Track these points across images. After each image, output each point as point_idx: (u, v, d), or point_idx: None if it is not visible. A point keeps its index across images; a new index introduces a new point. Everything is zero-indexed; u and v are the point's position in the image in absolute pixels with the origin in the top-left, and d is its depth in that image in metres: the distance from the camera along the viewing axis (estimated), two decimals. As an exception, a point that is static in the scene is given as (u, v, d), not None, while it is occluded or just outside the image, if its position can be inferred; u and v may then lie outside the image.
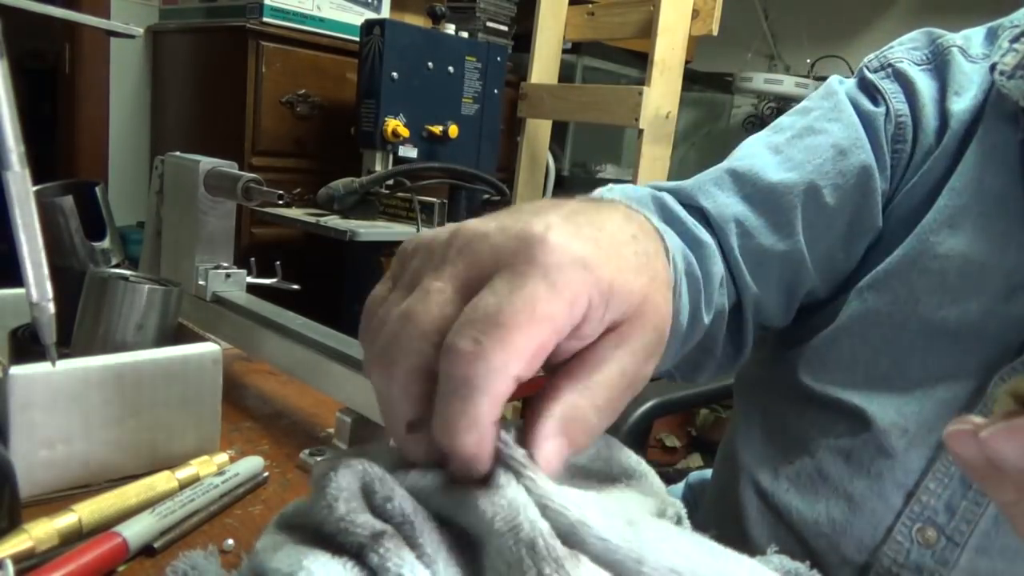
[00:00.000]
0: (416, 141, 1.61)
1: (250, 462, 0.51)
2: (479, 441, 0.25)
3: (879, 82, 0.59)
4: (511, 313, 0.24)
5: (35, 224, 0.39)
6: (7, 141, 0.38)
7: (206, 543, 0.41)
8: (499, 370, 0.24)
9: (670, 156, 1.92)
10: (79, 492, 0.47)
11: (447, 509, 0.26)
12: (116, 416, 0.49)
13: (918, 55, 0.59)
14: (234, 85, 1.72)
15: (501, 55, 1.78)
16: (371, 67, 1.55)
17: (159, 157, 0.75)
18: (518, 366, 0.24)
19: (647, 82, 1.81)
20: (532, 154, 2.17)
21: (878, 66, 0.60)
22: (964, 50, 0.58)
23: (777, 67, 3.16)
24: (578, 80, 2.45)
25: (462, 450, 0.25)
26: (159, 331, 0.57)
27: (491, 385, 0.24)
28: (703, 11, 1.84)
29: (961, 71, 0.57)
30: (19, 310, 0.62)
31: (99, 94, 2.01)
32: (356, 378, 0.57)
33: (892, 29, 2.89)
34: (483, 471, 0.25)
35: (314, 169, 1.82)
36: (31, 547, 0.39)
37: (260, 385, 0.73)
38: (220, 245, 0.72)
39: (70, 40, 1.96)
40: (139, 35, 0.52)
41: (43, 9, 0.45)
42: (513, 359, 0.24)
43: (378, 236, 1.47)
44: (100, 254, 0.64)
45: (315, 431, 0.63)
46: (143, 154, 2.09)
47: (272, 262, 0.77)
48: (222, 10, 1.82)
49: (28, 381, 0.45)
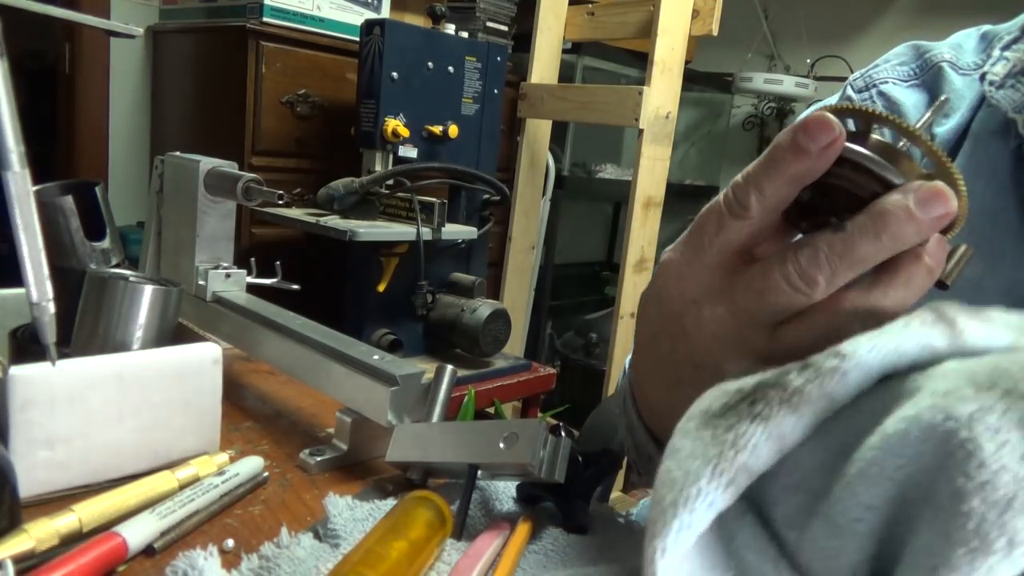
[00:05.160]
0: (416, 141, 1.61)
1: (250, 462, 0.51)
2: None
3: (861, 106, 0.58)
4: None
5: (35, 224, 0.39)
6: (7, 141, 0.38)
7: (206, 543, 0.41)
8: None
9: (670, 156, 1.92)
10: (79, 492, 0.47)
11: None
12: (116, 416, 0.49)
13: (905, 71, 0.59)
14: (234, 85, 1.71)
15: (501, 55, 1.78)
16: (371, 67, 1.55)
17: (159, 157, 0.75)
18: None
19: (647, 82, 1.81)
20: (532, 154, 2.17)
21: (862, 86, 0.60)
22: (954, 63, 0.57)
23: (777, 67, 3.16)
24: (578, 80, 2.45)
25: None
26: (159, 331, 0.57)
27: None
28: (703, 11, 1.84)
29: (952, 88, 0.56)
30: (19, 310, 0.62)
31: (99, 94, 2.01)
32: (356, 378, 0.57)
33: (892, 29, 2.89)
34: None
35: (314, 169, 1.82)
36: (31, 547, 0.39)
37: (260, 385, 0.73)
38: (220, 245, 0.72)
39: (70, 40, 1.96)
40: (139, 35, 0.52)
41: (43, 9, 0.45)
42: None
43: (378, 236, 1.47)
44: (100, 254, 0.64)
45: (315, 431, 0.63)
46: (143, 154, 2.09)
47: (272, 262, 0.77)
48: (222, 10, 1.82)
49: (28, 381, 0.45)
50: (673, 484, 0.24)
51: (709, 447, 0.24)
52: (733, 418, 0.25)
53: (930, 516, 0.21)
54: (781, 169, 0.30)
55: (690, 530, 0.23)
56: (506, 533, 0.43)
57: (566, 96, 2.02)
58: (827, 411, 0.24)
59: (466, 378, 1.62)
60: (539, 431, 0.43)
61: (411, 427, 0.52)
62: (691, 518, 0.23)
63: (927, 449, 0.21)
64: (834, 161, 0.30)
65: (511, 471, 0.46)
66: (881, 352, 0.24)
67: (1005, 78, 0.51)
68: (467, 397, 1.58)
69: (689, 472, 0.24)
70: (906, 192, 0.29)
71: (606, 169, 2.79)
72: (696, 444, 0.25)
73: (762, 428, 0.24)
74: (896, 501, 0.22)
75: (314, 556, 0.41)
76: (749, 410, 0.25)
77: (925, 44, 0.59)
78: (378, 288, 1.59)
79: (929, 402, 0.22)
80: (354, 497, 0.46)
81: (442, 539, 0.42)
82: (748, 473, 0.24)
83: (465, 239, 1.68)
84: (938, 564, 0.20)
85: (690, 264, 0.34)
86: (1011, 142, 0.51)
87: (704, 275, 0.33)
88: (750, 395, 0.25)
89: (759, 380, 0.25)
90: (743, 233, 0.32)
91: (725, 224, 0.32)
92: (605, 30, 2.06)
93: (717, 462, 0.24)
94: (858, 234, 0.29)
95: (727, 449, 0.24)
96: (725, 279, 0.33)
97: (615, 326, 1.93)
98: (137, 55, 2.06)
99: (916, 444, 0.22)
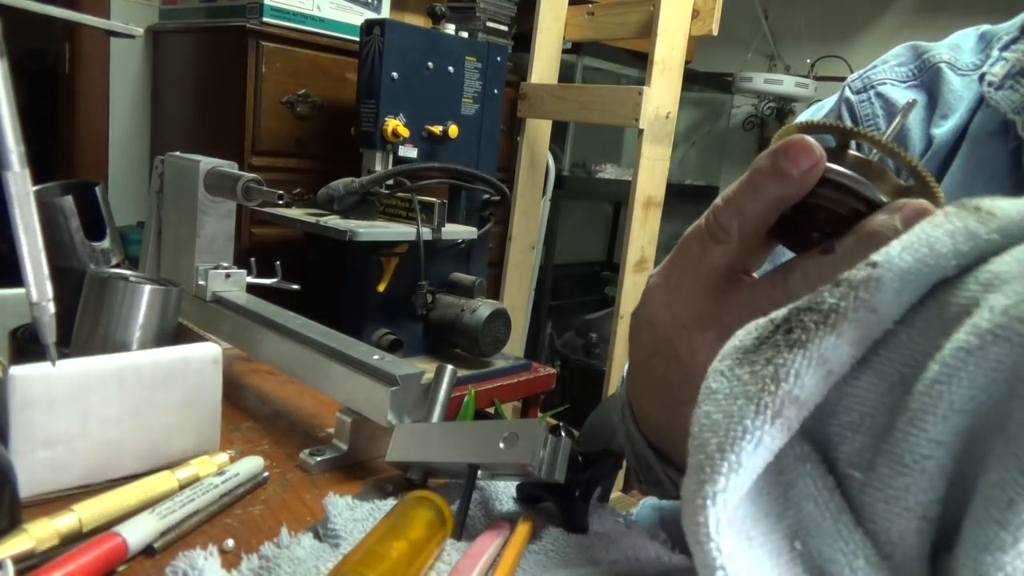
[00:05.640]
0: (416, 141, 1.61)
1: (250, 462, 0.51)
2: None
3: (859, 106, 0.59)
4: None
5: (35, 224, 0.39)
6: (7, 141, 0.38)
7: (206, 543, 0.41)
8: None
9: (670, 156, 1.92)
10: (79, 492, 0.47)
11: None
12: (116, 416, 0.49)
13: (903, 71, 0.59)
14: (234, 85, 1.71)
15: (501, 55, 1.78)
16: (371, 67, 1.55)
17: (159, 157, 0.75)
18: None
19: (647, 82, 1.81)
20: (532, 154, 2.17)
21: (860, 87, 0.59)
22: (952, 64, 0.57)
23: (777, 67, 3.16)
24: (578, 80, 2.45)
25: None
26: (159, 331, 0.57)
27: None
28: (703, 11, 1.84)
29: (950, 89, 0.56)
30: (19, 310, 0.62)
31: (99, 94, 2.01)
32: (356, 378, 0.57)
33: (892, 29, 2.89)
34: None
35: (314, 169, 1.82)
36: (31, 547, 0.39)
37: (260, 385, 0.73)
38: (220, 245, 0.72)
39: (70, 40, 1.96)
40: (139, 35, 0.52)
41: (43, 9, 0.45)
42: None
43: (378, 236, 1.47)
44: (100, 254, 0.64)
45: (315, 431, 0.63)
46: (143, 154, 2.09)
47: (272, 262, 0.77)
48: (222, 10, 1.82)
49: (28, 381, 0.45)
50: (716, 427, 0.23)
51: (749, 384, 0.23)
52: (771, 350, 0.23)
53: (1002, 449, 0.20)
54: (762, 193, 0.30)
55: (741, 473, 0.22)
56: (506, 533, 0.43)
57: (566, 96, 2.02)
58: (873, 329, 0.23)
59: (466, 378, 1.62)
60: (539, 431, 0.43)
61: (411, 427, 0.52)
62: (740, 459, 0.22)
63: (995, 378, 0.20)
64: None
65: (511, 471, 0.46)
66: (912, 250, 0.23)
67: (1004, 79, 0.51)
68: (467, 397, 1.58)
69: (732, 413, 0.22)
70: (892, 212, 0.29)
71: (606, 169, 2.79)
72: (734, 383, 0.23)
73: (802, 354, 0.23)
74: (966, 435, 0.21)
75: (314, 556, 0.41)
76: (785, 339, 0.23)
77: (923, 45, 0.59)
78: (378, 288, 1.59)
79: (988, 324, 0.20)
80: (354, 497, 0.46)
81: (442, 539, 0.42)
82: (796, 405, 0.22)
83: (465, 239, 1.68)
84: (1014, 498, 0.19)
85: (677, 290, 0.33)
86: (1010, 143, 0.51)
87: (691, 300, 0.33)
88: (784, 324, 0.24)
89: (792, 307, 0.24)
90: (727, 257, 0.32)
91: (708, 249, 0.32)
92: (605, 30, 2.06)
93: (760, 397, 0.22)
94: (848, 257, 0.29)
95: (769, 382, 0.22)
96: (714, 303, 0.32)
97: (615, 326, 1.93)
98: (137, 55, 2.06)
99: (983, 373, 0.20)
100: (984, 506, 0.20)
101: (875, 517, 0.23)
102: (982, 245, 0.22)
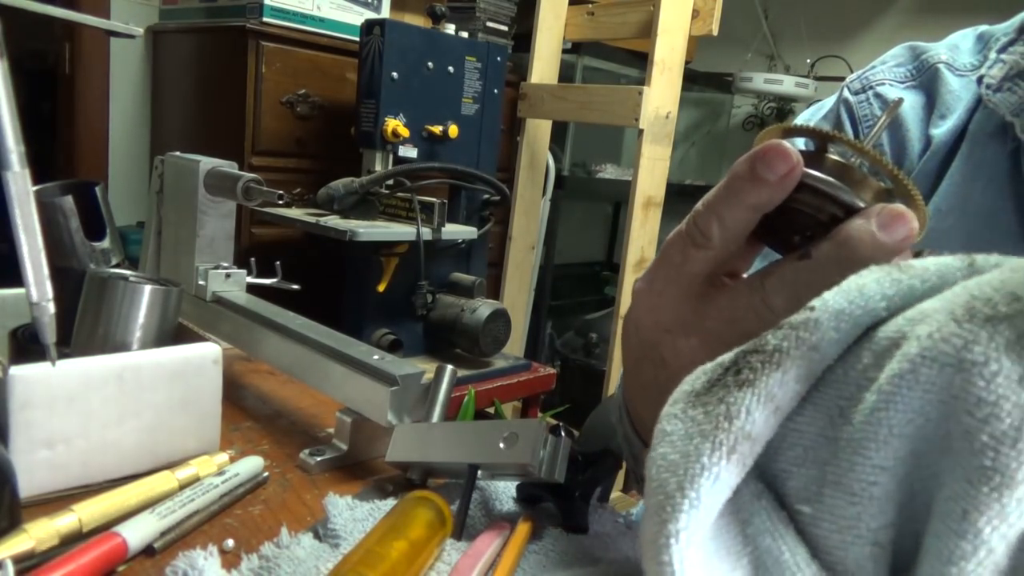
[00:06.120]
0: (416, 141, 1.61)
1: (250, 462, 0.51)
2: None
3: (857, 107, 0.58)
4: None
5: (35, 224, 0.39)
6: (7, 141, 0.38)
7: (206, 543, 0.41)
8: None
9: (670, 156, 1.92)
10: (79, 492, 0.47)
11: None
12: (116, 416, 0.49)
13: (901, 72, 0.58)
14: (234, 85, 1.71)
15: (501, 55, 1.78)
16: (371, 67, 1.55)
17: (159, 157, 0.75)
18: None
19: (647, 82, 1.81)
20: (532, 154, 2.17)
21: (859, 88, 0.59)
22: (951, 64, 0.57)
23: (777, 67, 3.16)
24: (578, 80, 2.45)
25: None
26: (159, 331, 0.57)
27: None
28: (703, 11, 1.84)
29: (948, 90, 0.56)
30: (19, 310, 0.62)
31: (99, 94, 2.01)
32: (356, 378, 0.57)
33: (892, 29, 2.90)
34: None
35: (314, 169, 1.82)
36: (31, 547, 0.39)
37: (260, 385, 0.73)
38: (220, 245, 0.72)
39: (70, 40, 1.96)
40: (139, 35, 0.52)
41: (43, 9, 0.45)
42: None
43: (378, 236, 1.47)
44: (100, 254, 0.64)
45: (315, 431, 0.63)
46: (143, 154, 2.09)
47: (272, 262, 0.77)
48: (222, 10, 1.82)
49: (28, 381, 0.45)
50: (675, 467, 0.23)
51: (703, 424, 0.24)
52: (722, 391, 0.24)
53: (950, 464, 0.20)
54: (740, 198, 0.30)
55: (701, 510, 0.23)
56: (506, 533, 0.43)
57: (566, 96, 2.02)
58: (815, 365, 0.24)
59: (466, 378, 1.62)
60: (539, 431, 0.43)
61: (411, 427, 0.52)
62: (700, 495, 0.23)
63: (929, 399, 0.21)
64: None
65: (511, 471, 0.46)
66: (844, 293, 0.24)
67: (1002, 81, 0.51)
68: (467, 397, 1.58)
69: (689, 452, 0.23)
70: (868, 217, 0.29)
71: (606, 169, 2.79)
72: (688, 424, 0.24)
73: (751, 392, 0.24)
74: (909, 459, 0.22)
75: (314, 556, 0.41)
76: (735, 379, 0.24)
77: (922, 45, 0.59)
78: (378, 288, 1.59)
79: (916, 350, 0.21)
80: (354, 497, 0.46)
81: (442, 539, 0.42)
82: (750, 441, 0.23)
83: (465, 239, 1.68)
84: (967, 508, 0.19)
85: (660, 295, 0.34)
86: (1008, 144, 0.51)
87: (674, 305, 0.33)
88: (733, 366, 0.25)
89: (738, 350, 0.25)
90: (708, 262, 0.32)
91: (689, 254, 0.32)
92: (605, 30, 2.06)
93: (715, 434, 0.23)
94: (824, 262, 0.29)
95: (722, 420, 0.23)
96: (696, 308, 0.33)
97: (615, 326, 1.93)
98: (137, 55, 2.06)
99: (917, 396, 0.21)
100: (942, 519, 0.20)
101: (830, 548, 0.23)
102: (904, 290, 0.24)
